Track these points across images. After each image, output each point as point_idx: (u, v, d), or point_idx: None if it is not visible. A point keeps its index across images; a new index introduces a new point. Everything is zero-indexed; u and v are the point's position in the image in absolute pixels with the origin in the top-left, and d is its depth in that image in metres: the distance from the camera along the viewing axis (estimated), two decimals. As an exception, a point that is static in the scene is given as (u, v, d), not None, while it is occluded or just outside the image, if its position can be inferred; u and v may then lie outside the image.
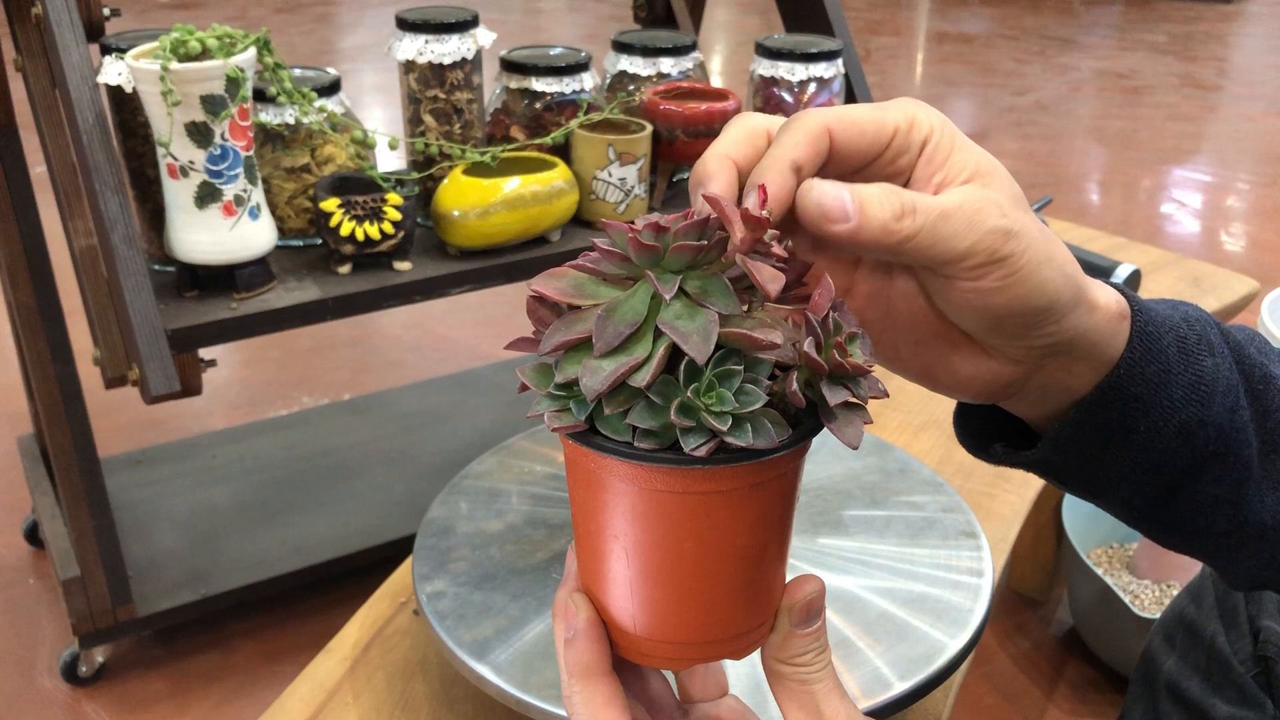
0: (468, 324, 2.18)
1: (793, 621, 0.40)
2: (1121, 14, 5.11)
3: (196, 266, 0.98)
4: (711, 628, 0.40)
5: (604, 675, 0.41)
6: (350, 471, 1.51)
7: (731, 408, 0.35)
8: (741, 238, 0.36)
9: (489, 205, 1.03)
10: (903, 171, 0.40)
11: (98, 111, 0.93)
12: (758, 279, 0.35)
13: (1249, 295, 1.46)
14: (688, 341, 0.34)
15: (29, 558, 1.51)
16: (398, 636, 0.85)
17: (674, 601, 0.39)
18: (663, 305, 0.36)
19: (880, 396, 0.37)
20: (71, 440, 1.17)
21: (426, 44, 1.07)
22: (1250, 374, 0.46)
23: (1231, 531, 0.48)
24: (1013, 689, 1.34)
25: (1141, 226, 2.73)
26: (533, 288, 0.38)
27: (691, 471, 0.36)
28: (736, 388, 0.35)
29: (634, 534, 0.38)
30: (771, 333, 0.35)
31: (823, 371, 0.36)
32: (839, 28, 1.28)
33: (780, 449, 0.36)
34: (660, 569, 0.38)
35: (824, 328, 0.36)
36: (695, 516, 0.37)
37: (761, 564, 0.39)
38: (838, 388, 0.36)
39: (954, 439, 1.14)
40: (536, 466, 0.94)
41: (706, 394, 0.35)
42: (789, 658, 0.40)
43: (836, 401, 0.36)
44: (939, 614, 0.77)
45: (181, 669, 1.35)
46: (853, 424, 0.36)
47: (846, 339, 0.36)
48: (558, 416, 0.37)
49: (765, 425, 0.36)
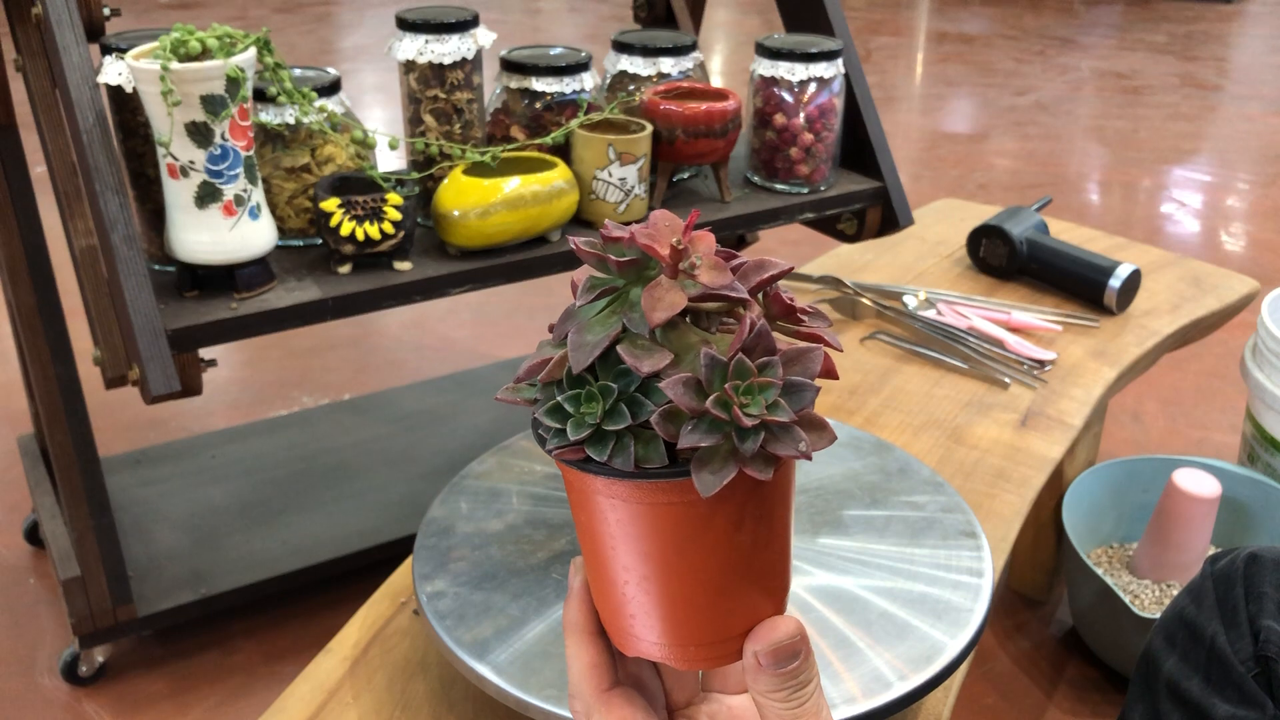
0: (468, 324, 2.18)
1: (762, 662, 0.40)
2: (1121, 14, 5.11)
3: (196, 266, 0.98)
4: (684, 633, 0.40)
5: (591, 636, 0.42)
6: (350, 471, 1.51)
7: (614, 423, 0.36)
8: (666, 256, 0.37)
9: (489, 205, 1.03)
10: None
11: (98, 111, 0.93)
12: (646, 303, 0.36)
13: (1249, 295, 1.46)
14: (573, 350, 0.36)
15: (29, 558, 1.51)
16: (398, 636, 0.85)
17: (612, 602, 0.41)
18: (591, 314, 0.38)
19: (799, 456, 0.36)
20: (71, 440, 1.17)
21: (427, 44, 1.07)
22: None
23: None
24: (1013, 689, 1.34)
25: (1141, 226, 2.73)
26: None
27: (589, 479, 0.38)
28: (609, 405, 0.36)
29: (584, 533, 0.41)
30: (649, 360, 0.36)
31: (693, 413, 0.35)
32: (839, 28, 1.28)
33: (629, 474, 0.36)
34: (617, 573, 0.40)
35: (714, 369, 0.35)
36: (632, 522, 0.38)
37: (727, 576, 0.39)
38: (706, 433, 0.35)
39: (954, 439, 1.15)
40: (536, 466, 0.94)
41: (587, 404, 0.37)
42: (761, 691, 0.40)
43: (687, 445, 0.35)
44: (939, 614, 0.77)
45: (181, 669, 1.35)
46: (713, 472, 0.35)
47: (746, 389, 0.35)
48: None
49: (627, 447, 0.36)
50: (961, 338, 1.27)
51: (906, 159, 3.09)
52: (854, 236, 1.34)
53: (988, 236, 1.44)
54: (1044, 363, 1.24)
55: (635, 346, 0.36)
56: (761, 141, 1.25)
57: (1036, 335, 1.30)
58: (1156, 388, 1.97)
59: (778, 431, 0.36)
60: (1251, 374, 1.40)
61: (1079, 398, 1.20)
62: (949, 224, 1.61)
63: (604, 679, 0.43)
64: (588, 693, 0.43)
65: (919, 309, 1.34)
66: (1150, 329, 1.34)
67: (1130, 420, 1.89)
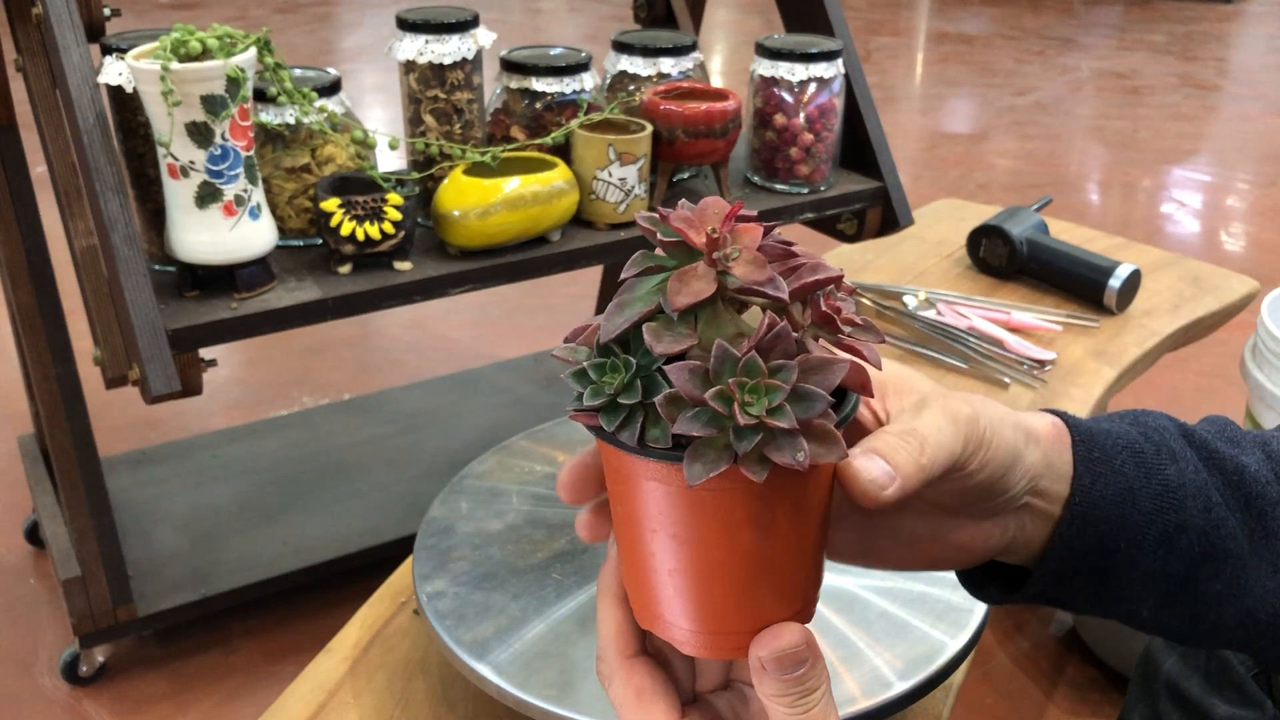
0: (468, 324, 2.18)
1: (765, 667, 0.39)
2: (1121, 14, 5.11)
3: (197, 266, 0.98)
4: (711, 620, 0.40)
5: (620, 602, 0.43)
6: (350, 471, 1.51)
7: (628, 397, 0.36)
8: (703, 244, 0.37)
9: (489, 205, 1.03)
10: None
11: (98, 111, 0.93)
12: (671, 287, 0.36)
13: (1249, 295, 1.46)
14: (605, 320, 0.37)
15: (29, 558, 1.51)
16: (398, 636, 0.85)
17: (648, 587, 0.41)
18: (640, 289, 0.38)
19: (793, 466, 0.35)
20: (72, 440, 1.17)
21: (427, 44, 1.07)
22: (1223, 468, 0.48)
23: (1243, 623, 0.49)
24: (1013, 689, 1.34)
25: (1141, 226, 2.73)
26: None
27: (611, 450, 0.38)
28: (627, 378, 0.36)
29: (619, 515, 0.41)
30: (666, 342, 0.36)
31: (694, 402, 0.36)
32: (839, 28, 1.28)
33: (628, 447, 0.37)
34: (648, 553, 0.40)
35: (724, 362, 0.35)
36: (659, 501, 0.38)
37: (761, 563, 0.39)
38: (703, 424, 0.35)
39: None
40: (537, 466, 0.94)
41: (610, 374, 0.37)
42: (767, 694, 0.40)
43: (681, 432, 0.35)
44: (939, 614, 0.77)
45: (181, 669, 1.35)
46: (704, 463, 0.35)
47: (751, 388, 0.35)
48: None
49: (635, 421, 0.36)
50: (961, 338, 1.27)
51: (906, 159, 3.09)
52: (854, 236, 1.34)
53: (988, 236, 1.44)
54: (1044, 363, 1.24)
55: (662, 327, 0.36)
56: (761, 141, 1.25)
57: (1036, 335, 1.30)
58: (1156, 388, 1.97)
59: (777, 436, 0.35)
60: (1251, 374, 1.40)
61: (1079, 398, 1.20)
62: (949, 224, 1.61)
63: (629, 645, 0.43)
64: (612, 657, 0.43)
65: (919, 309, 1.34)
66: (1150, 329, 1.34)
67: (1130, 420, 1.88)
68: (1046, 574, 0.47)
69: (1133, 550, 0.46)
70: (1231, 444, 0.50)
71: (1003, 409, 0.44)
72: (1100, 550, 0.46)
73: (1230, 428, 0.51)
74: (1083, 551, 0.46)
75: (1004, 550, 0.47)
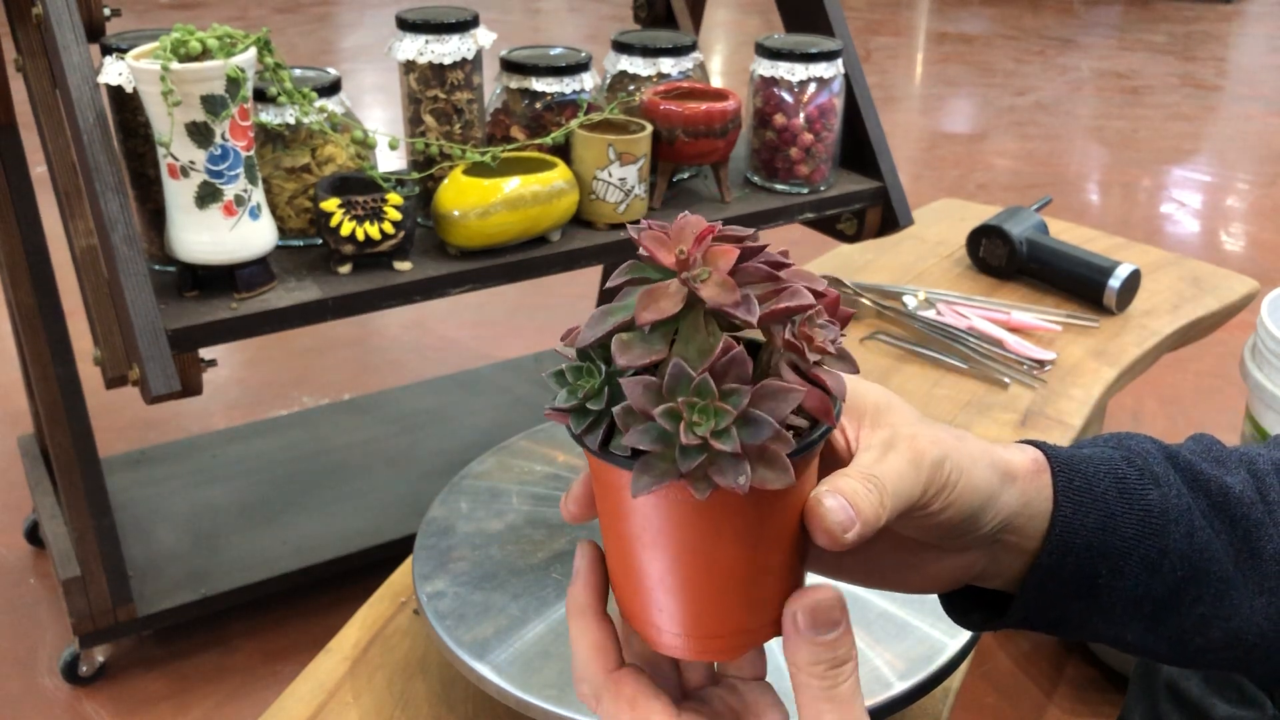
0: (468, 324, 2.18)
1: (800, 623, 0.40)
2: (1121, 14, 5.11)
3: (197, 266, 0.98)
4: (697, 624, 0.40)
5: (596, 617, 0.43)
6: (350, 471, 1.51)
7: (595, 403, 0.38)
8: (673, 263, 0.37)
9: (489, 205, 1.03)
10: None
11: (98, 111, 0.93)
12: (639, 302, 0.36)
13: (1249, 295, 1.46)
14: (586, 326, 0.38)
15: (29, 558, 1.51)
16: (398, 636, 0.85)
17: (637, 590, 0.41)
18: (628, 299, 0.39)
19: (734, 488, 0.35)
20: (72, 440, 1.17)
21: (427, 44, 1.07)
22: (1207, 490, 0.48)
23: (1231, 644, 0.49)
24: (1013, 689, 1.34)
25: (1141, 226, 2.73)
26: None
27: (596, 462, 0.39)
28: (596, 387, 0.37)
29: (599, 511, 0.42)
30: (631, 354, 0.36)
31: (645, 416, 0.36)
32: (839, 28, 1.28)
33: (594, 452, 0.38)
34: (635, 559, 0.40)
35: (678, 381, 0.36)
36: (624, 504, 0.39)
37: (722, 573, 0.39)
38: (651, 440, 0.36)
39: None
40: (536, 466, 0.94)
41: (584, 378, 0.38)
42: (800, 665, 0.40)
43: (630, 444, 0.36)
44: (939, 614, 0.76)
45: (181, 669, 1.35)
46: (650, 476, 0.36)
47: (701, 409, 0.35)
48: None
49: (599, 426, 0.37)
50: (961, 338, 1.27)
51: (906, 159, 3.09)
52: (854, 236, 1.34)
53: (987, 236, 1.44)
54: (1044, 363, 1.24)
55: (635, 339, 0.37)
56: (761, 141, 1.25)
57: (1036, 335, 1.30)
58: (1156, 388, 1.97)
59: (720, 458, 0.36)
60: (1251, 374, 1.40)
61: (1078, 398, 1.20)
62: (949, 224, 1.61)
63: (610, 659, 0.42)
64: (595, 674, 0.42)
65: (919, 309, 1.34)
66: (1150, 329, 1.34)
67: (1130, 420, 1.89)
68: (1027, 603, 0.47)
69: (1114, 576, 0.46)
70: (1216, 464, 0.49)
71: (980, 446, 0.44)
72: (1081, 577, 0.46)
73: (1215, 447, 0.51)
74: (1064, 578, 0.46)
75: (977, 579, 0.48)
